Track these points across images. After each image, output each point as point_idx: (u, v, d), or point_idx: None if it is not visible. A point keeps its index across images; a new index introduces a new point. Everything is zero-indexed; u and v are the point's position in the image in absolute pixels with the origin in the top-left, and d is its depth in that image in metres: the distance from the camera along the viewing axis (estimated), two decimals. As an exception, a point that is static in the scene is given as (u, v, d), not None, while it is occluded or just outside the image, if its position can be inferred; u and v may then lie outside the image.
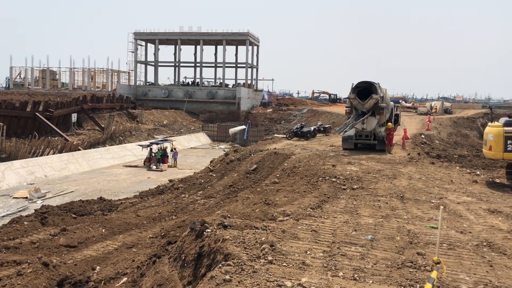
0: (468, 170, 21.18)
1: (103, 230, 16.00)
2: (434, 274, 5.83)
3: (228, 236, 9.02)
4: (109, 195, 23.79)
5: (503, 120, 17.59)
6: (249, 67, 79.19)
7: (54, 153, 33.19)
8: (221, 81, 79.94)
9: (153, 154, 35.78)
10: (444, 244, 9.50)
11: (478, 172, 20.74)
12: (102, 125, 47.09)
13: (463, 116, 54.75)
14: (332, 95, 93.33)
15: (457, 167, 21.96)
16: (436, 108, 60.89)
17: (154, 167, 34.60)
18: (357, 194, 14.67)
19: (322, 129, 38.21)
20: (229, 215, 11.23)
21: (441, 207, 7.17)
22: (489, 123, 18.38)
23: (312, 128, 36.53)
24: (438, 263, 6.12)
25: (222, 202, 18.15)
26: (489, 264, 8.42)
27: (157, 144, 36.77)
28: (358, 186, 15.84)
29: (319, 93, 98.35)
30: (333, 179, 16.77)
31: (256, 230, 9.79)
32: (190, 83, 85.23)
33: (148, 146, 36.61)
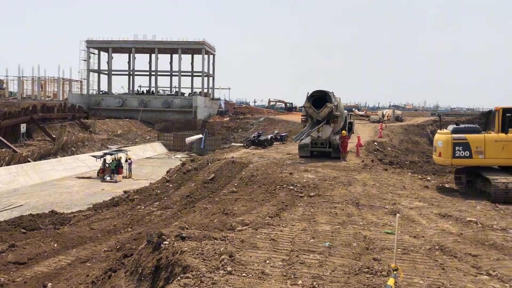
0: (420, 176, 21.93)
1: (55, 245, 15.40)
2: (391, 282, 5.96)
3: (186, 248, 8.90)
4: (61, 208, 22.94)
5: (451, 127, 18.35)
6: (205, 76, 78.92)
7: (1, 166, 31.69)
8: (177, 89, 79.16)
9: (107, 165, 34.87)
10: (399, 249, 9.74)
11: (429, 178, 21.52)
12: (54, 136, 45.46)
13: (414, 124, 56.72)
14: (288, 104, 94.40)
15: (409, 173, 22.70)
16: (389, 116, 62.80)
17: (108, 178, 33.72)
18: (314, 201, 14.86)
19: (279, 137, 38.55)
20: (187, 226, 11.09)
21: (398, 214, 7.36)
22: (438, 130, 19.13)
23: (269, 137, 36.80)
24: (396, 269, 6.27)
25: (179, 213, 17.91)
26: (442, 267, 8.71)
27: (111, 154, 35.87)
28: (315, 193, 16.05)
29: (275, 101, 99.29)
30: (291, 187, 16.92)
31: (215, 240, 9.71)
32: (145, 92, 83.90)
33: (101, 156, 35.65)
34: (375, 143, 34.69)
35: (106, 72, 79.80)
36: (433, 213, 13.68)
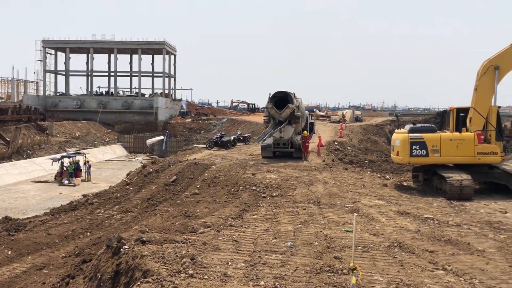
0: (379, 175, 22.43)
1: (9, 252, 14.80)
2: (354, 280, 6.05)
3: (146, 252, 8.74)
4: (16, 214, 22.09)
5: (408, 127, 18.88)
6: (166, 77, 78.00)
7: (-50, 171, 30.20)
8: (137, 90, 77.89)
9: (64, 168, 33.86)
10: (359, 247, 9.93)
11: (388, 176, 22.04)
12: (8, 139, 43.70)
13: (372, 124, 58.03)
14: (250, 105, 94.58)
15: (368, 172, 23.18)
16: (345, 116, 63.96)
17: (66, 182, 32.76)
18: (276, 201, 14.92)
19: (242, 138, 38.51)
20: (147, 230, 10.90)
21: (355, 214, 7.48)
22: (396, 130, 19.62)
23: (232, 138, 36.69)
24: (354, 269, 6.37)
25: (140, 216, 17.59)
26: (400, 263, 8.92)
27: (69, 157, 34.86)
28: (277, 193, 16.13)
29: (238, 102, 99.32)
30: (253, 188, 16.93)
31: (176, 244, 9.58)
32: (104, 93, 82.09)
33: (59, 159, 34.58)
34: (336, 143, 35.21)
35: (64, 73, 77.52)
36: (392, 210, 14.02)
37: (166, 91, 78.28)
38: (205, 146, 37.68)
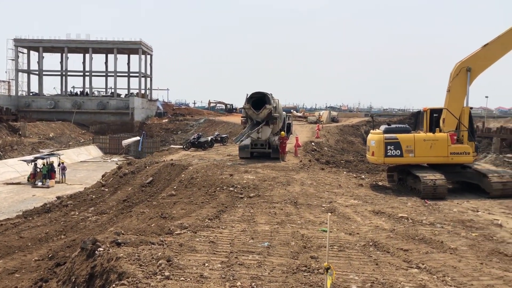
0: (354, 175, 22.70)
1: (-21, 257, 14.39)
2: (328, 283, 6.08)
3: (122, 254, 8.63)
4: (-14, 217, 21.48)
5: (383, 127, 19.16)
6: (142, 77, 77.11)
7: None
8: (113, 91, 76.80)
9: (38, 170, 33.11)
10: (335, 247, 10.02)
11: (363, 176, 22.32)
12: (-23, 140, 42.58)
13: (349, 124, 58.61)
14: (228, 105, 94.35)
15: (345, 172, 23.42)
16: (320, 117, 64.45)
17: (39, 183, 32.05)
18: (253, 202, 14.94)
19: (219, 139, 38.40)
20: (123, 232, 10.77)
21: (329, 214, 7.55)
22: (371, 131, 19.90)
23: (209, 138, 36.54)
24: (328, 268, 6.42)
25: (115, 218, 17.35)
26: (375, 262, 9.04)
27: (42, 158, 34.11)
28: (255, 194, 16.15)
29: (215, 103, 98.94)
30: (231, 188, 16.91)
31: (152, 245, 9.49)
32: (79, 93, 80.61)
33: (32, 161, 33.79)
34: (313, 143, 35.44)
35: (37, 73, 75.82)
36: (367, 210, 14.19)
37: (142, 91, 77.36)
38: (182, 147, 37.45)
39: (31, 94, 75.51)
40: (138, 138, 51.68)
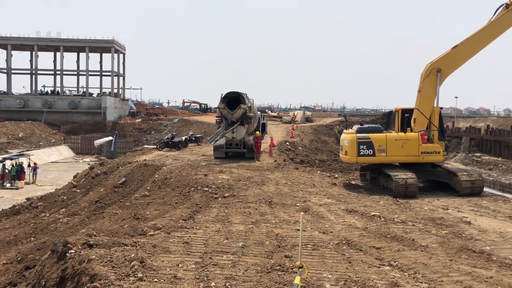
0: (328, 174, 22.93)
1: None
2: (297, 280, 6.11)
3: (94, 256, 8.49)
4: (-49, 220, 20.77)
5: (356, 127, 19.42)
6: (115, 76, 76.02)
7: None
8: (85, 90, 75.44)
9: (6, 171, 32.28)
10: (309, 245, 10.10)
11: (337, 175, 22.58)
12: None
13: (322, 124, 59.15)
14: (202, 105, 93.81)
15: (318, 171, 23.63)
16: (293, 117, 64.84)
17: (8, 185, 31.26)
18: (228, 202, 14.91)
19: (193, 138, 38.16)
20: (95, 233, 10.59)
21: (302, 213, 7.62)
22: (344, 130, 20.13)
23: (183, 138, 36.27)
24: (301, 267, 6.47)
25: (87, 220, 17.06)
26: (348, 260, 9.15)
27: (11, 159, 33.26)
28: (230, 194, 16.12)
29: (189, 102, 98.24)
30: (205, 189, 16.83)
31: (125, 247, 9.37)
32: (49, 92, 78.83)
33: (0, 162, 32.92)
34: (287, 143, 35.61)
35: (5, 71, 73.80)
36: (341, 209, 14.36)
37: (115, 91, 76.29)
38: (155, 147, 37.08)
39: (-1, 93, 73.50)
40: (110, 138, 50.90)
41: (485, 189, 19.33)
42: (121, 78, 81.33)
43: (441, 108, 19.35)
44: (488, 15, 18.65)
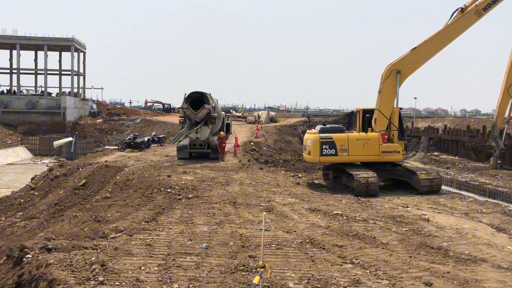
0: (292, 174, 23.13)
1: None
2: (256, 280, 6.12)
3: (52, 260, 8.25)
4: None
5: (318, 127, 19.68)
6: (75, 75, 74.04)
7: None
8: (43, 89, 73.14)
9: (-41, 173, 30.90)
10: (273, 245, 10.15)
11: (300, 175, 22.80)
12: None
13: (286, 124, 59.59)
14: (166, 105, 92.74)
15: (283, 171, 23.80)
16: (256, 118, 65.07)
17: (-40, 188, 29.89)
18: (192, 203, 14.80)
19: (156, 139, 37.65)
20: (54, 237, 10.30)
21: (264, 213, 7.65)
22: (308, 130, 20.37)
23: (146, 139, 35.72)
24: (263, 267, 6.48)
25: (46, 223, 16.51)
26: (312, 259, 9.25)
27: (-36, 161, 31.88)
28: (193, 195, 16.00)
29: (152, 102, 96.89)
30: (169, 190, 16.64)
31: (86, 250, 9.15)
32: (5, 91, 75.90)
33: (-48, 164, 31.49)
34: (252, 143, 35.70)
35: (-44, 69, 70.71)
36: (304, 208, 14.50)
37: (75, 90, 74.35)
38: (117, 147, 36.37)
39: (-50, 92, 70.30)
40: (70, 139, 49.54)
41: (443, 187, 19.97)
42: (81, 77, 79.30)
43: (401, 108, 19.87)
44: (443, 19, 19.32)
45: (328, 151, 18.42)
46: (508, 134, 28.08)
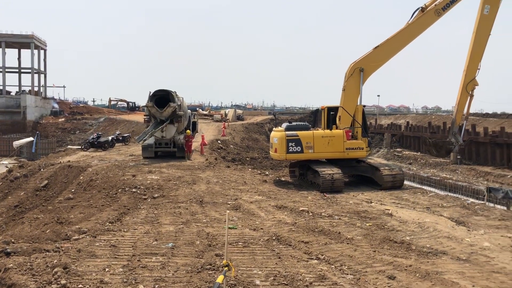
0: (259, 171, 23.20)
1: None
2: (220, 279, 6.11)
3: (11, 264, 8.00)
4: None
5: (285, 125, 19.81)
6: (35, 73, 71.79)
7: None
8: (1, 87, 70.55)
9: None
10: (240, 243, 10.16)
11: (267, 172, 22.90)
12: None
13: (253, 122, 59.72)
14: (130, 103, 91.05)
15: (250, 169, 23.84)
16: (222, 116, 64.97)
17: None
18: (158, 202, 14.63)
19: (121, 138, 36.99)
20: (13, 240, 9.98)
21: (227, 211, 7.64)
22: (274, 128, 20.47)
23: (110, 138, 35.02)
24: (227, 265, 6.47)
25: (5, 226, 15.96)
26: (278, 256, 9.31)
27: None
28: (159, 194, 15.82)
29: (116, 101, 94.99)
30: (134, 190, 16.39)
31: (47, 253, 8.91)
32: (-40, 90, 72.91)
33: None
34: (219, 141, 35.61)
35: None
36: (271, 205, 14.58)
37: (36, 89, 72.11)
38: (80, 147, 35.51)
39: None
40: (31, 138, 48.00)
41: (406, 182, 20.51)
42: (42, 75, 76.95)
43: (364, 106, 20.23)
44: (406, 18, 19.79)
45: (294, 149, 18.59)
46: (467, 130, 29.09)
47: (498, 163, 28.26)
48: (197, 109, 71.87)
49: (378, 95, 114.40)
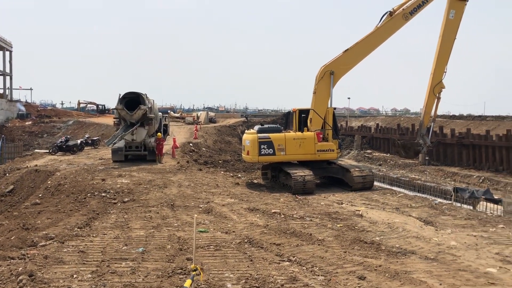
0: (231, 174, 23.15)
1: None
2: (187, 283, 6.05)
3: (-26, 273, 7.71)
4: None
5: (257, 127, 19.87)
6: (0, 75, 69.83)
7: None
8: (-35, 90, 68.26)
9: None
10: (211, 246, 10.10)
11: (240, 175, 22.88)
12: None
13: (226, 125, 59.52)
14: (100, 106, 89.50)
15: (222, 172, 23.76)
16: (194, 118, 64.62)
17: None
18: (128, 207, 14.42)
19: (90, 141, 36.29)
20: (-24, 248, 9.62)
21: (195, 215, 7.61)
22: (246, 131, 20.49)
23: (79, 141, 34.32)
24: (195, 270, 6.42)
25: (-32, 233, 15.43)
26: (250, 259, 9.31)
27: None
28: (129, 198, 15.59)
29: (86, 103, 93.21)
30: (103, 194, 16.11)
31: (12, 260, 8.65)
32: None
33: None
34: (191, 144, 35.33)
35: None
36: (243, 208, 14.57)
37: (1, 91, 70.07)
38: (48, 151, 34.64)
39: None
40: (-4, 142, 46.63)
41: (376, 183, 20.83)
42: (7, 77, 74.84)
43: (335, 108, 20.48)
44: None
45: (266, 151, 18.64)
46: (434, 131, 29.79)
47: (464, 164, 29.05)
48: (169, 111, 71.11)
49: (349, 98, 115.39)
